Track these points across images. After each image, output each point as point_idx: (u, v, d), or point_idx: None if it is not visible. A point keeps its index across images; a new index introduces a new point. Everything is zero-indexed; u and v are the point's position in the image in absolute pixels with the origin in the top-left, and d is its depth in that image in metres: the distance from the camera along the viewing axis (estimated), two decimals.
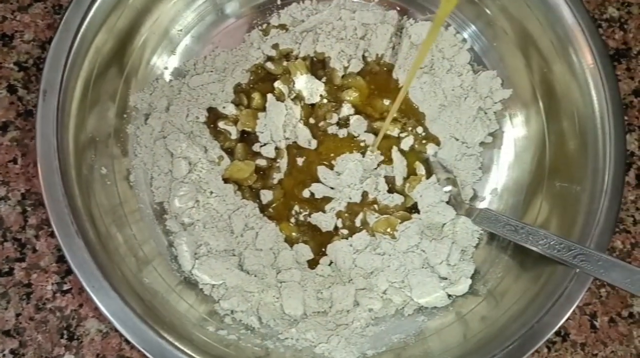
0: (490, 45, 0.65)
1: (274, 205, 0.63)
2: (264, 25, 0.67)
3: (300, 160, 0.65)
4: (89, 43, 0.55)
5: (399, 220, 0.63)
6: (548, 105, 0.61)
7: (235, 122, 0.65)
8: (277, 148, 0.64)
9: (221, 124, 0.64)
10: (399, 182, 0.64)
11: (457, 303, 0.59)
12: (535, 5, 0.58)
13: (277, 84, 0.65)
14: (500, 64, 0.65)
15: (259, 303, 0.58)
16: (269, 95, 0.64)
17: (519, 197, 0.63)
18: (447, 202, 0.63)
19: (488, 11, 0.63)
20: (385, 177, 0.64)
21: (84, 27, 0.53)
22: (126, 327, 0.50)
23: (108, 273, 0.50)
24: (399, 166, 0.64)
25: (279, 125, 0.64)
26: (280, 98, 0.65)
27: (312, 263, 0.62)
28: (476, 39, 0.66)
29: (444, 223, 0.62)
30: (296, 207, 0.63)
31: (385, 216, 0.63)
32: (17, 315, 0.62)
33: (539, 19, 0.58)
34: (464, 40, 0.66)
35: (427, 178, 0.64)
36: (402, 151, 0.65)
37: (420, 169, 0.65)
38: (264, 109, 0.64)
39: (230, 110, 0.64)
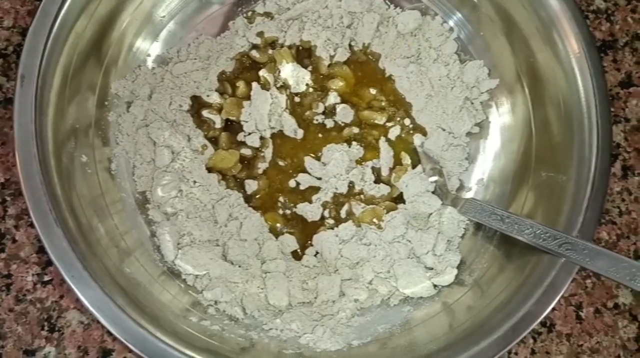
0: (476, 34, 0.65)
1: (258, 195, 0.63)
2: (249, 13, 0.66)
3: (285, 150, 0.64)
4: (69, 28, 0.53)
5: (385, 211, 0.62)
6: (534, 93, 0.61)
7: (219, 110, 0.64)
8: (262, 137, 0.64)
9: (205, 113, 0.63)
10: (385, 172, 0.64)
11: (443, 293, 0.59)
12: None
13: (262, 73, 0.64)
14: (487, 52, 0.65)
15: (243, 293, 0.58)
16: (254, 84, 0.63)
17: (505, 187, 0.62)
18: (433, 192, 0.62)
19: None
20: (372, 167, 0.64)
21: (63, 12, 0.52)
22: (107, 318, 0.49)
23: (88, 264, 0.49)
24: (386, 156, 0.64)
25: (264, 114, 0.63)
26: (265, 86, 0.64)
27: (297, 255, 0.61)
28: (462, 27, 0.66)
29: (430, 214, 0.62)
30: (281, 198, 0.63)
31: (371, 206, 0.62)
32: None
33: (524, 4, 0.58)
34: (451, 29, 0.66)
35: (413, 168, 0.63)
36: (389, 141, 0.65)
37: (406, 159, 0.64)
38: (248, 98, 0.64)
39: (215, 98, 0.63)
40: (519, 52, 0.61)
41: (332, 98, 0.65)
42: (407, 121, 0.65)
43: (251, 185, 0.62)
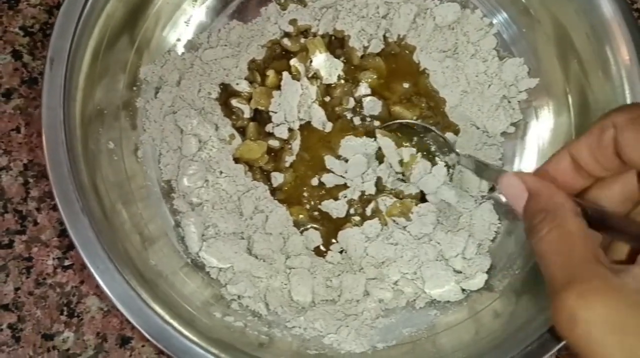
0: (520, 33, 0.62)
1: (284, 188, 0.61)
2: (282, 0, 0.64)
3: (313, 143, 0.62)
4: (100, 10, 0.51)
5: (414, 203, 0.60)
6: (577, 100, 0.58)
7: (248, 100, 0.62)
8: (290, 129, 0.62)
9: (234, 102, 0.61)
10: (396, 168, 0.61)
11: (472, 299, 0.57)
12: None
13: (294, 62, 0.62)
14: (529, 52, 0.62)
15: (266, 289, 0.56)
16: (285, 74, 0.61)
17: None
18: (479, 176, 0.57)
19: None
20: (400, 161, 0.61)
21: None
22: (132, 312, 0.49)
23: (113, 254, 0.48)
24: (389, 150, 0.61)
25: (294, 105, 0.61)
26: (296, 77, 0.62)
27: (320, 251, 0.60)
28: (506, 26, 0.63)
29: (461, 215, 0.60)
30: (306, 193, 0.61)
31: (400, 201, 0.60)
32: (16, 289, 0.60)
33: (575, 9, 0.55)
34: (491, 24, 0.63)
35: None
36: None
37: (408, 152, 0.61)
38: (278, 88, 0.62)
39: (244, 87, 0.62)
40: (564, 57, 0.58)
41: (363, 89, 0.63)
42: (438, 118, 0.63)
43: (277, 178, 0.61)
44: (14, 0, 0.65)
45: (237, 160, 0.60)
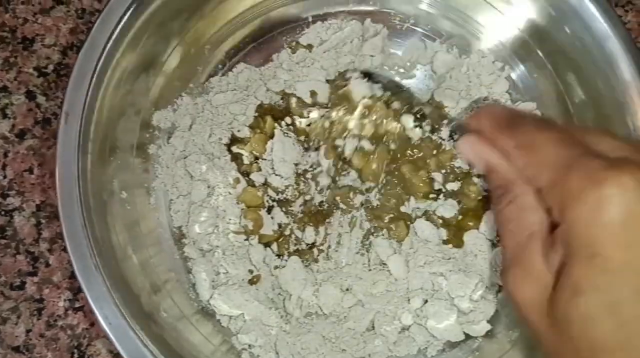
0: (532, 79, 0.62)
1: None
2: (293, 43, 0.64)
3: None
4: (115, 62, 0.51)
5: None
6: None
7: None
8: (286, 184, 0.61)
9: (234, 148, 0.60)
10: None
11: (483, 350, 0.57)
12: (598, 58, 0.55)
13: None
14: (541, 97, 0.61)
15: (276, 337, 0.56)
16: (277, 131, 0.60)
17: None
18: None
19: (540, 53, 0.60)
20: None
21: (109, 46, 0.50)
22: None
23: (125, 309, 0.48)
24: None
25: (284, 159, 0.60)
26: (287, 134, 0.61)
27: None
28: (522, 77, 0.63)
29: (475, 257, 0.60)
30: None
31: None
32: (28, 331, 0.61)
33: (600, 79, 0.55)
34: (503, 67, 0.63)
35: None
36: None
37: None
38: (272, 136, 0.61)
39: (245, 133, 0.60)
40: (579, 106, 0.58)
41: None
42: None
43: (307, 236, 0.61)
44: (29, 40, 0.66)
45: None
